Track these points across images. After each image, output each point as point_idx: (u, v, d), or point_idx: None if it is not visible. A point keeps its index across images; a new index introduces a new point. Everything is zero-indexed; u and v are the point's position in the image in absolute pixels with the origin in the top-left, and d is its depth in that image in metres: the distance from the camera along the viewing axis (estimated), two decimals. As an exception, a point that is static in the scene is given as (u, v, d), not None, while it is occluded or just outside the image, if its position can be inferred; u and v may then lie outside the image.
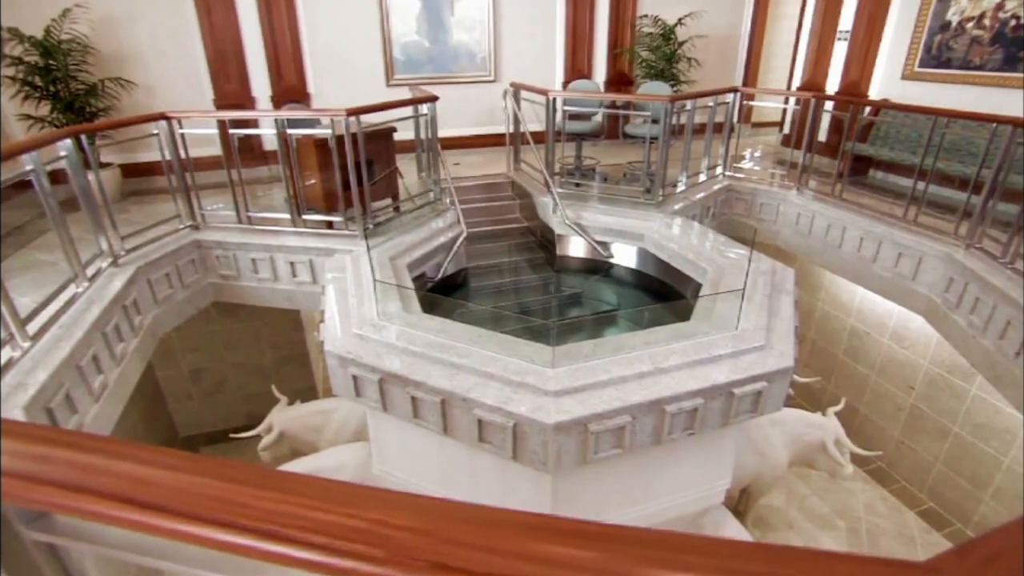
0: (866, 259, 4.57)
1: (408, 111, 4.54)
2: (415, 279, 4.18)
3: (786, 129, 6.68)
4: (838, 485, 5.15)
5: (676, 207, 4.78)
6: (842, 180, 4.89)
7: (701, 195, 5.16)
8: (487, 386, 2.54)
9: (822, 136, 6.15)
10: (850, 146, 4.91)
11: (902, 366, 5.02)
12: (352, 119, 3.85)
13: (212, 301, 4.55)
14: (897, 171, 5.66)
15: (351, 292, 3.40)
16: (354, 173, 4.00)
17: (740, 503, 4.74)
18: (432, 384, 2.57)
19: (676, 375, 2.61)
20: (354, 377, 2.84)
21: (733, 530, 3.44)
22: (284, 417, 4.55)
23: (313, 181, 4.35)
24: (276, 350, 5.94)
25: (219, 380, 5.85)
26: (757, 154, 6.30)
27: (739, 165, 5.62)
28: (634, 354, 2.70)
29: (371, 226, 4.24)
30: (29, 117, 4.94)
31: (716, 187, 5.35)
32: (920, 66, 5.53)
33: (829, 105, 5.78)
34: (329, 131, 3.95)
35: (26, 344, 2.77)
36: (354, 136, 3.90)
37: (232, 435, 4.64)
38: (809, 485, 5.19)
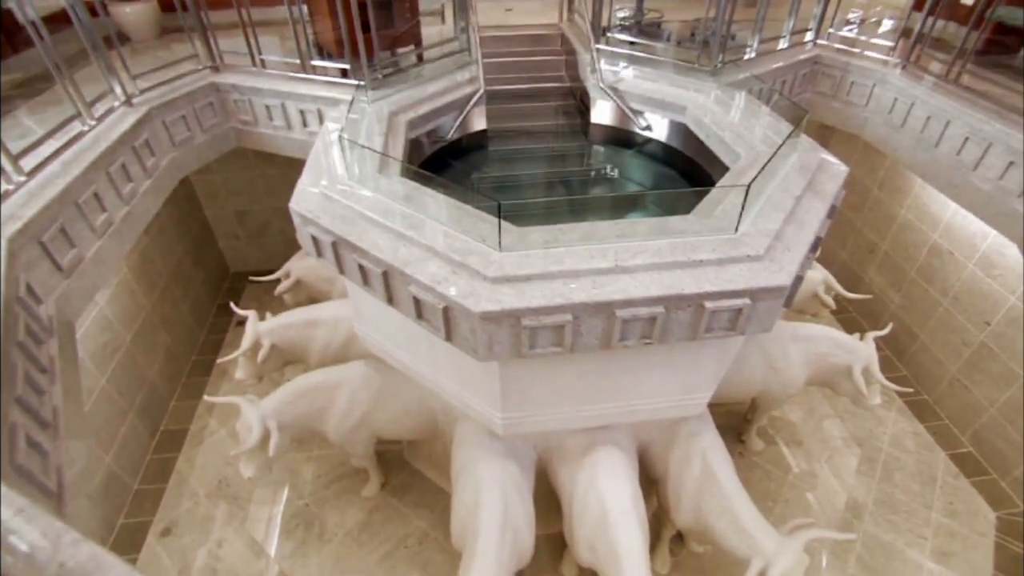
0: (965, 164, 3.69)
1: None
2: (425, 136, 3.94)
3: (925, -14, 5.23)
4: (867, 412, 4.75)
5: (738, 77, 4.01)
6: (965, 57, 3.83)
7: (777, 65, 4.29)
8: (428, 262, 2.37)
9: (968, -3, 4.77)
10: (992, 12, 3.74)
11: (983, 297, 4.26)
12: (354, -54, 3.39)
13: (235, 147, 4.57)
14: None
15: (335, 147, 3.23)
16: (361, 14, 3.62)
17: (749, 412, 4.52)
18: (375, 254, 2.44)
19: (639, 277, 2.30)
20: (313, 237, 2.78)
21: (708, 441, 3.27)
22: (301, 265, 4.73)
23: (324, 22, 4.02)
24: (315, 201, 6.05)
25: (262, 223, 6.13)
26: (873, 18, 5.05)
27: (837, 32, 4.54)
28: (599, 246, 2.39)
29: (380, 76, 3.92)
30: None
31: (800, 57, 4.40)
32: None
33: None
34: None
35: (21, 179, 2.89)
36: (357, -32, 3.47)
37: (252, 278, 4.93)
38: (834, 406, 4.82)
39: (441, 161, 3.94)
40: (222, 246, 6.24)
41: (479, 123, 4.19)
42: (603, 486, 2.97)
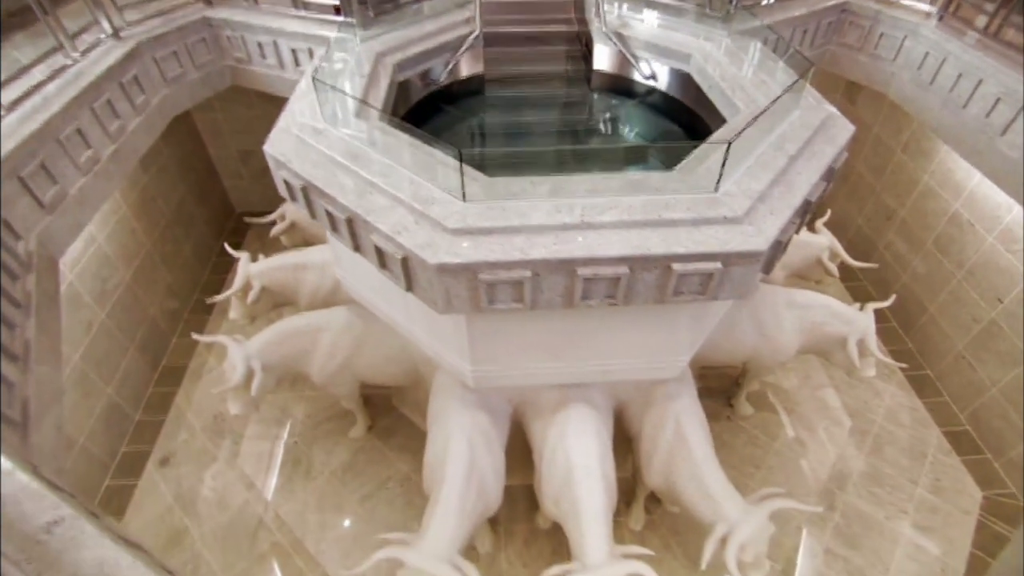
0: (993, 128, 3.42)
1: None
2: (418, 79, 3.80)
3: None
4: (865, 384, 4.63)
5: (752, 25, 3.73)
6: (1011, 6, 3.48)
7: (798, 12, 3.97)
8: (391, 211, 2.31)
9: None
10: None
11: (999, 272, 4.03)
12: None
13: (230, 85, 4.50)
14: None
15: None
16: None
17: (740, 376, 4.45)
18: (341, 200, 2.39)
19: (605, 234, 2.20)
20: (285, 181, 2.74)
21: (684, 404, 3.22)
22: (296, 207, 4.70)
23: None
24: (318, 145, 5.98)
25: (266, 163, 6.09)
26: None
27: (873, -26, 4.16)
28: (567, 201, 2.30)
29: (371, 13, 3.75)
30: None
31: (826, 4, 4.06)
32: None
33: None
34: None
35: (-1, 113, 2.88)
36: None
37: (247, 218, 4.95)
38: (831, 376, 4.71)
39: (432, 106, 3.81)
40: (227, 186, 6.25)
41: (475, 67, 4.01)
42: (571, 443, 2.98)
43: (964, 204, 4.29)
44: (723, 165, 2.29)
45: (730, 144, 2.23)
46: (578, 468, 2.88)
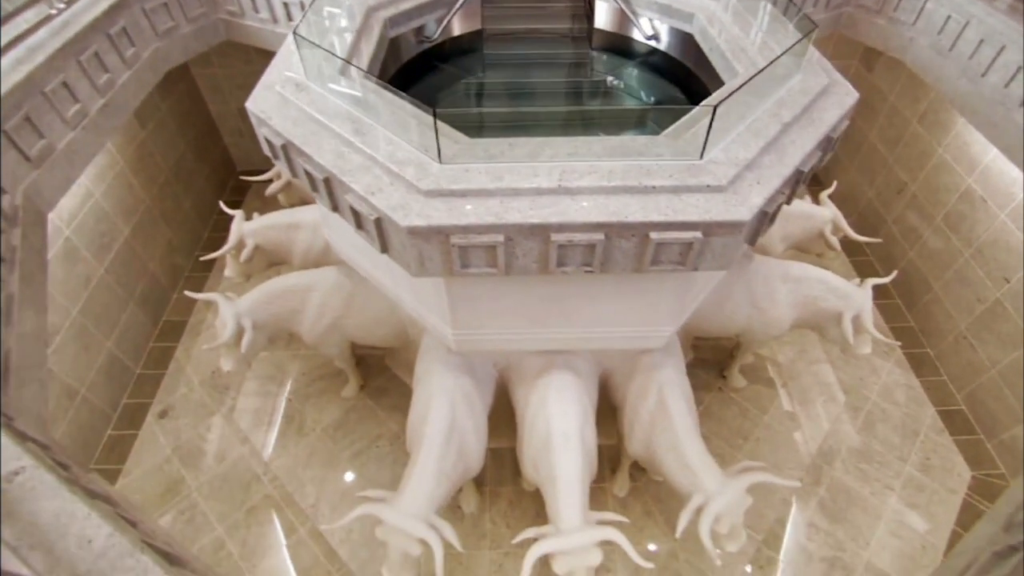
0: (1011, 100, 3.25)
1: None
2: (413, 35, 3.69)
3: None
4: (862, 360, 4.57)
5: (763, -16, 3.54)
6: (1040, -33, 3.25)
7: (813, -29, 3.76)
8: (367, 171, 2.27)
9: None
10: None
11: (1007, 252, 3.89)
12: None
13: (224, 39, 4.41)
14: None
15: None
16: None
17: (735, 348, 4.41)
18: (318, 160, 2.35)
19: (582, 200, 2.15)
20: (266, 139, 2.70)
21: (667, 375, 3.20)
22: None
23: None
24: (319, 103, 5.89)
25: (267, 124, 6.04)
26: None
27: (897, -71, 3.90)
28: (546, 164, 2.23)
29: (363, -35, 3.62)
30: None
31: (843, -39, 3.84)
32: None
33: None
34: None
35: (-18, 65, 2.84)
36: None
37: (243, 176, 4.92)
38: (827, 351, 4.65)
39: (425, 64, 3.70)
40: (227, 142, 6.21)
41: (471, 23, 3.88)
42: (551, 410, 2.98)
43: (978, 179, 4.12)
44: (708, 131, 2.20)
45: (715, 109, 2.14)
46: (557, 434, 2.89)
